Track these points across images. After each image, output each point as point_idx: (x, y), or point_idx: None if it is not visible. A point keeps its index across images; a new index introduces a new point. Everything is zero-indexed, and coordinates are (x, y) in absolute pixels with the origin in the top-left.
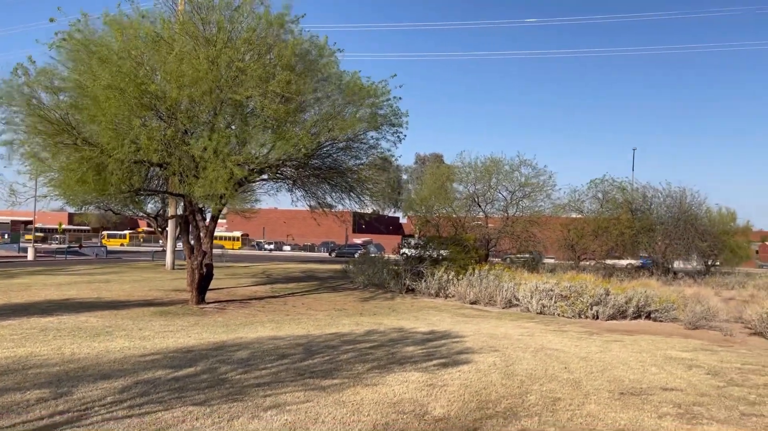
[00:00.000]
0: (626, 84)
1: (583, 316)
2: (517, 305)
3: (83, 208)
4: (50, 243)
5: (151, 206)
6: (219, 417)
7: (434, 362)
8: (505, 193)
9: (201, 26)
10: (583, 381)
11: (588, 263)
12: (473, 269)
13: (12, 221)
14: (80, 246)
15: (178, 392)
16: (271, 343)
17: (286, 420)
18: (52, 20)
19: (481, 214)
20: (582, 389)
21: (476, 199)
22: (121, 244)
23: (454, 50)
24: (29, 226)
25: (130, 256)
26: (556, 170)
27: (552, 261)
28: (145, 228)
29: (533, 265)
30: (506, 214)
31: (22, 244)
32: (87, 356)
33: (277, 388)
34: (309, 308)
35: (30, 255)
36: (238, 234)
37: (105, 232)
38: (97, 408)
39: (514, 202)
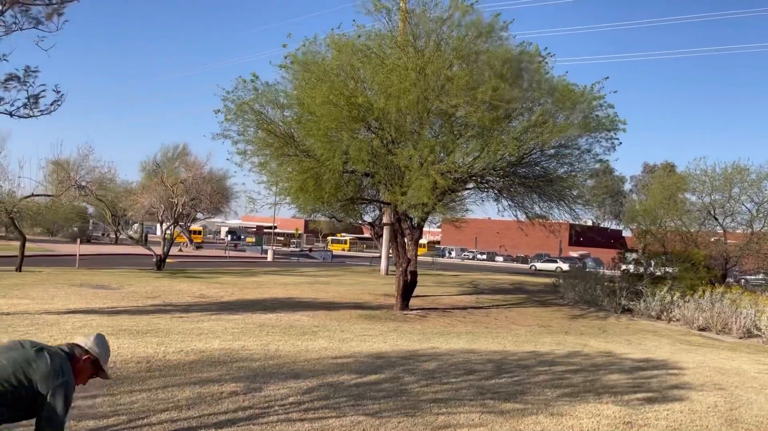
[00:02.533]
0: None
1: None
2: (758, 336)
3: (312, 215)
4: (289, 247)
5: (370, 215)
6: None
7: (639, 395)
8: (749, 205)
9: (411, 37)
10: None
11: None
12: (703, 290)
13: (257, 226)
14: (310, 250)
15: (355, 399)
16: (462, 356)
17: None
18: (284, 45)
19: (717, 228)
20: None
21: (712, 212)
22: (342, 249)
23: (698, 46)
24: (268, 230)
25: (351, 261)
26: None
27: None
28: (343, 234)
29: None
30: (750, 230)
31: (264, 247)
32: (288, 353)
33: (453, 406)
34: (511, 322)
35: (269, 257)
36: (424, 241)
37: (330, 238)
38: (276, 408)
39: (761, 215)
